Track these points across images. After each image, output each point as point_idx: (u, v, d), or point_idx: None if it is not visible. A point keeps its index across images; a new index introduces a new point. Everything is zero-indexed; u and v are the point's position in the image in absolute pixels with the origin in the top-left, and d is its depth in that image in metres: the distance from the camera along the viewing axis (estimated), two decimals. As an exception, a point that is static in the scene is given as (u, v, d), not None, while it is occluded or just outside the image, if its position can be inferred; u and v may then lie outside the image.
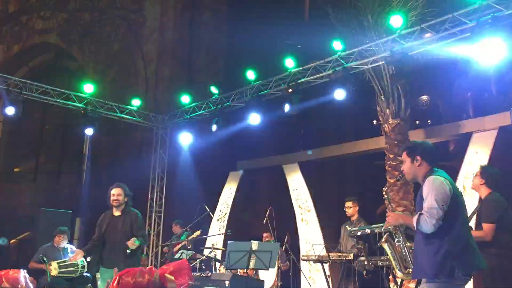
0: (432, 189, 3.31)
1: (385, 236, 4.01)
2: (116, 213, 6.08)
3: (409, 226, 3.51)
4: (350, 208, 7.16)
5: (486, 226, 4.38)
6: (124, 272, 1.70)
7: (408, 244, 3.91)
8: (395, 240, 3.81)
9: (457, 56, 7.52)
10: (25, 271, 6.30)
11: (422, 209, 3.34)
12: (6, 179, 16.92)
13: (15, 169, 17.56)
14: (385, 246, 3.97)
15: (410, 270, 3.82)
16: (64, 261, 7.43)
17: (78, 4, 16.88)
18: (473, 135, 8.89)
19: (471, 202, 6.93)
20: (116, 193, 6.07)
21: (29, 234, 15.08)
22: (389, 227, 3.90)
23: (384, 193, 4.15)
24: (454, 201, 3.32)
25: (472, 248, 3.35)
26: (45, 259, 7.27)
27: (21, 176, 17.57)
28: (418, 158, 3.54)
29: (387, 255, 4.06)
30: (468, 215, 3.93)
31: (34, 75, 16.22)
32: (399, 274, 3.92)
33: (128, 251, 5.61)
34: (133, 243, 5.64)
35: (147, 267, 1.69)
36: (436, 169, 3.52)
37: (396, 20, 7.59)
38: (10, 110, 9.65)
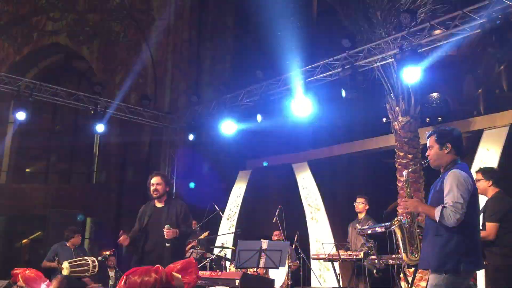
0: (458, 183, 3.25)
1: (396, 219, 3.97)
2: (159, 204, 5.46)
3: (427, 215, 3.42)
4: (361, 204, 7.13)
5: (489, 225, 4.33)
6: (131, 271, 1.71)
7: (418, 230, 3.89)
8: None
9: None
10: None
11: (439, 201, 3.29)
12: (17, 179, 17.07)
13: (26, 170, 17.71)
14: (397, 229, 3.93)
15: (417, 256, 3.80)
16: (75, 261, 7.48)
17: (87, 5, 16.97)
18: (484, 132, 8.81)
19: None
20: (155, 182, 5.41)
21: (41, 234, 15.24)
22: (402, 219, 3.88)
23: (405, 175, 4.06)
24: (472, 199, 3.30)
25: (477, 247, 3.33)
26: (56, 258, 7.32)
27: (32, 177, 17.72)
28: (449, 145, 3.44)
29: (397, 239, 4.03)
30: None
31: (44, 76, 16.34)
32: (404, 258, 3.89)
33: (167, 244, 5.08)
34: (169, 232, 5.09)
35: (154, 266, 1.70)
36: (459, 161, 3.46)
37: (405, 17, 7.53)
38: (20, 115, 9.71)
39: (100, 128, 10.57)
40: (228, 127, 10.44)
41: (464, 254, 3.19)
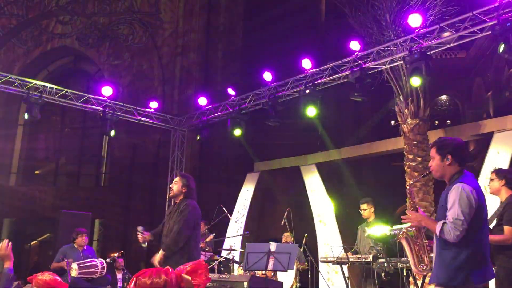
0: (460, 199, 3.20)
1: (403, 231, 3.95)
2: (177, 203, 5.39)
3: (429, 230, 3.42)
4: (366, 210, 7.05)
5: (508, 229, 4.30)
6: (140, 272, 1.71)
7: (426, 241, 3.85)
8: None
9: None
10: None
11: (444, 215, 3.28)
12: (27, 181, 17.18)
13: (36, 172, 17.82)
14: (403, 241, 3.91)
15: (425, 267, 3.76)
16: (84, 262, 7.50)
17: (96, 8, 17.08)
18: (494, 135, 8.73)
19: (491, 203, 6.80)
20: (174, 181, 5.38)
21: (50, 236, 15.30)
22: (409, 229, 3.86)
23: (408, 187, 4.08)
24: (479, 212, 3.25)
25: (487, 258, 3.29)
26: (65, 259, 7.33)
27: (41, 179, 17.83)
28: (449, 157, 3.39)
29: (406, 252, 4.00)
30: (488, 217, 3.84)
31: (54, 78, 16.45)
32: (413, 269, 3.87)
33: (143, 245, 5.08)
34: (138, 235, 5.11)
35: (164, 268, 1.70)
36: (466, 172, 3.41)
37: (414, 19, 7.49)
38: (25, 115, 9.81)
39: (112, 133, 10.65)
40: (237, 130, 10.43)
41: (473, 268, 3.17)
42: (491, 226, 4.44)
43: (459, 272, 3.16)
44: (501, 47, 6.57)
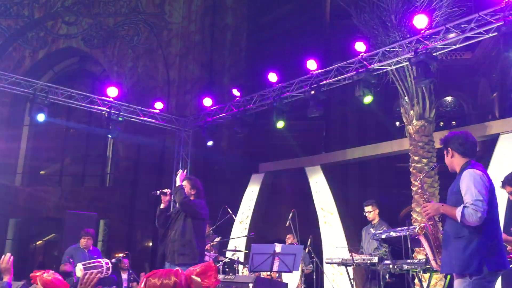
0: (475, 182, 3.23)
1: (420, 227, 3.90)
2: None
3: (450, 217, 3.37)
4: (370, 213, 6.99)
5: None
6: (151, 273, 1.73)
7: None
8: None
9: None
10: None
11: (456, 202, 3.28)
12: (32, 182, 17.24)
13: (41, 172, 17.88)
14: (422, 238, 3.86)
15: None
16: (89, 263, 7.50)
17: (101, 9, 17.14)
18: (500, 136, 8.71)
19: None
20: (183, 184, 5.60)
21: (55, 236, 15.34)
22: (419, 227, 3.82)
23: (419, 181, 4.06)
24: (490, 196, 3.26)
25: (500, 246, 3.28)
26: (71, 260, 7.34)
27: (46, 179, 17.89)
28: (449, 149, 3.48)
29: (424, 247, 3.95)
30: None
31: (59, 79, 16.51)
32: (434, 265, 3.82)
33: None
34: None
35: (174, 269, 1.71)
36: (473, 162, 3.43)
37: (420, 20, 7.47)
38: (40, 117, 9.76)
39: (110, 135, 10.69)
40: (241, 130, 10.43)
41: (486, 255, 3.15)
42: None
43: (473, 259, 3.15)
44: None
